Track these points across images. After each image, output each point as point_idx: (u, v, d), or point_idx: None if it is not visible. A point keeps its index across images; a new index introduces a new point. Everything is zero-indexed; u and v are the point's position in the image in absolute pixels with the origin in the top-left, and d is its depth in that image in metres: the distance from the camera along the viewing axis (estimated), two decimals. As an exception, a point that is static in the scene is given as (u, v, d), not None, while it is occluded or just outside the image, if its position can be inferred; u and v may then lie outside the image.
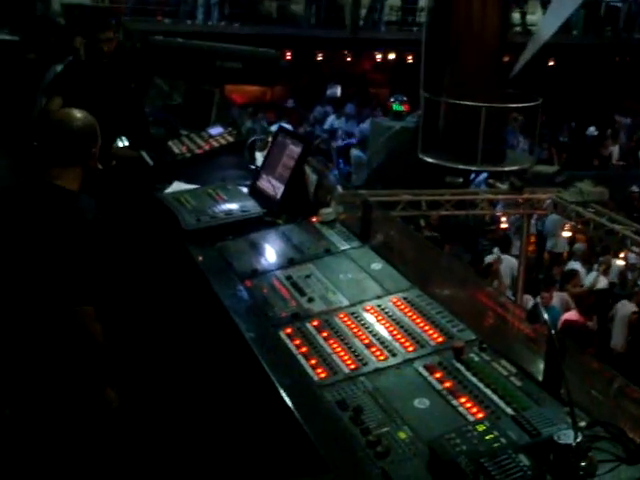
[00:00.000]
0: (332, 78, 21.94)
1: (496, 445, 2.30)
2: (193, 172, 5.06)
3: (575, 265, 12.57)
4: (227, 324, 3.37)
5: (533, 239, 13.51)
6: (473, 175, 15.27)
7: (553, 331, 2.55)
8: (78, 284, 3.25)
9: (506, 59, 15.68)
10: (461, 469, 2.21)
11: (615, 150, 20.02)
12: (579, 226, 12.43)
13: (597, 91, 20.51)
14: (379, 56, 21.98)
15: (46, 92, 5.76)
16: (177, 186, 4.81)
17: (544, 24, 16.80)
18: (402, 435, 2.48)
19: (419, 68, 15.88)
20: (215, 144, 5.46)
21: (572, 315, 10.39)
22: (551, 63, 20.78)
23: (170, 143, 5.61)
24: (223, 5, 19.85)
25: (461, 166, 14.53)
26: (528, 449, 2.27)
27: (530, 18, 20.56)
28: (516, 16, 20.10)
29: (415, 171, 14.56)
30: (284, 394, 2.78)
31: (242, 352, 3.16)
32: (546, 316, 2.62)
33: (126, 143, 5.75)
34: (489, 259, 12.28)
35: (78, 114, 3.45)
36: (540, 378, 2.68)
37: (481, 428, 2.40)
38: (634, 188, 16.35)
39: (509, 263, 12.60)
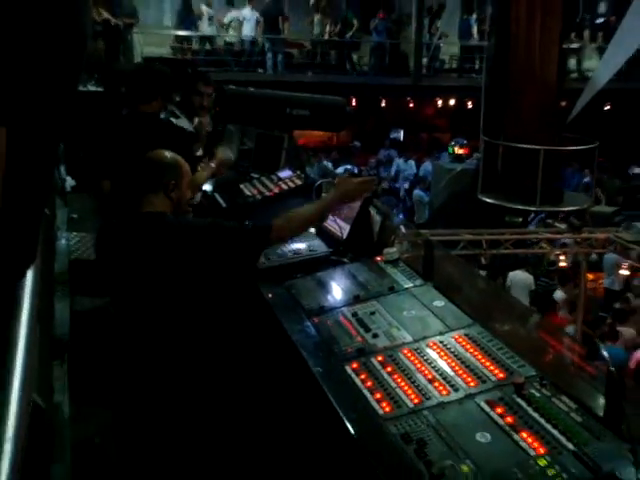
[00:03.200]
0: (395, 123, 22.02)
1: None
2: (264, 213, 5.09)
3: (636, 302, 12.33)
4: (295, 359, 3.37)
5: (592, 276, 13.30)
6: (532, 215, 15.13)
7: (613, 368, 2.50)
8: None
9: (563, 104, 15.58)
10: (523, 503, 2.18)
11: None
12: (637, 264, 12.23)
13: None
14: (440, 102, 22.03)
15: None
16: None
17: (600, 70, 16.68)
18: (465, 469, 2.44)
19: (478, 113, 15.86)
20: (284, 187, 5.51)
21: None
22: (608, 107, 20.54)
23: (242, 186, 5.67)
24: (291, 56, 20.05)
25: (520, 206, 14.43)
26: (590, 484, 2.23)
27: (587, 64, 20.39)
28: (573, 62, 19.96)
29: (475, 211, 14.49)
30: (350, 427, 2.76)
31: (310, 386, 3.15)
32: (606, 353, 2.58)
33: None
34: (558, 296, 12.21)
35: (166, 153, 3.71)
36: (601, 414, 2.62)
37: (542, 463, 2.37)
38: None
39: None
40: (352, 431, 2.74)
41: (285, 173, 5.73)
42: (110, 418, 3.66)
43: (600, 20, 21.21)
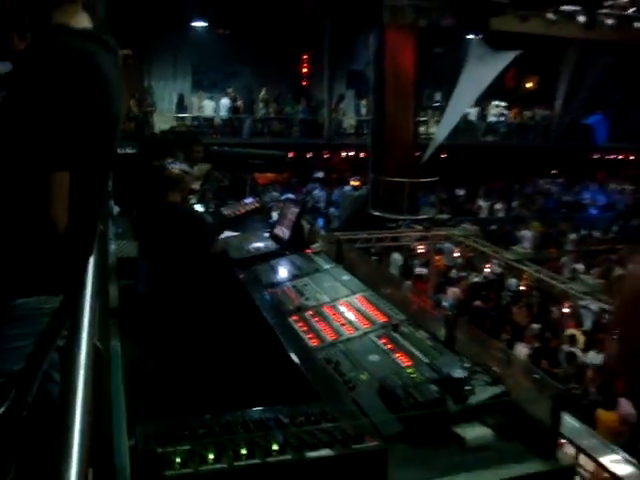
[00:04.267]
0: (317, 167, 22.08)
1: (418, 380, 2.31)
2: (236, 225, 5.07)
3: (463, 273, 12.63)
4: (257, 315, 3.36)
5: (437, 258, 13.52)
6: (401, 221, 15.40)
7: (449, 312, 2.57)
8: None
9: (417, 154, 15.94)
10: (397, 395, 2.22)
11: (485, 205, 20.17)
12: (463, 250, 12.62)
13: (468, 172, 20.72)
14: (344, 154, 22.13)
15: None
16: (227, 234, 4.82)
17: (438, 133, 17.12)
18: (363, 377, 2.49)
19: (368, 160, 16.10)
20: (248, 209, 5.47)
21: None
22: (444, 155, 20.84)
23: (222, 208, 5.63)
24: (253, 127, 20.00)
25: (394, 216, 14.78)
26: (437, 382, 2.28)
27: (430, 130, 20.71)
28: (422, 128, 20.29)
29: (367, 220, 14.72)
30: (292, 354, 2.78)
31: (266, 331, 3.15)
32: (446, 303, 2.64)
33: None
34: (417, 271, 12.39)
35: (176, 169, 4.20)
36: (443, 340, 2.69)
37: (410, 371, 2.41)
38: (493, 227, 16.62)
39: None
40: (294, 357, 2.76)
41: (248, 200, 5.69)
42: (141, 352, 3.60)
43: (437, 104, 21.80)
